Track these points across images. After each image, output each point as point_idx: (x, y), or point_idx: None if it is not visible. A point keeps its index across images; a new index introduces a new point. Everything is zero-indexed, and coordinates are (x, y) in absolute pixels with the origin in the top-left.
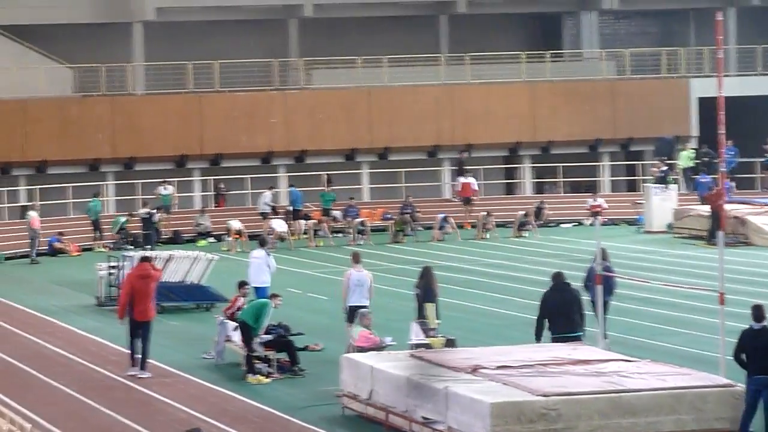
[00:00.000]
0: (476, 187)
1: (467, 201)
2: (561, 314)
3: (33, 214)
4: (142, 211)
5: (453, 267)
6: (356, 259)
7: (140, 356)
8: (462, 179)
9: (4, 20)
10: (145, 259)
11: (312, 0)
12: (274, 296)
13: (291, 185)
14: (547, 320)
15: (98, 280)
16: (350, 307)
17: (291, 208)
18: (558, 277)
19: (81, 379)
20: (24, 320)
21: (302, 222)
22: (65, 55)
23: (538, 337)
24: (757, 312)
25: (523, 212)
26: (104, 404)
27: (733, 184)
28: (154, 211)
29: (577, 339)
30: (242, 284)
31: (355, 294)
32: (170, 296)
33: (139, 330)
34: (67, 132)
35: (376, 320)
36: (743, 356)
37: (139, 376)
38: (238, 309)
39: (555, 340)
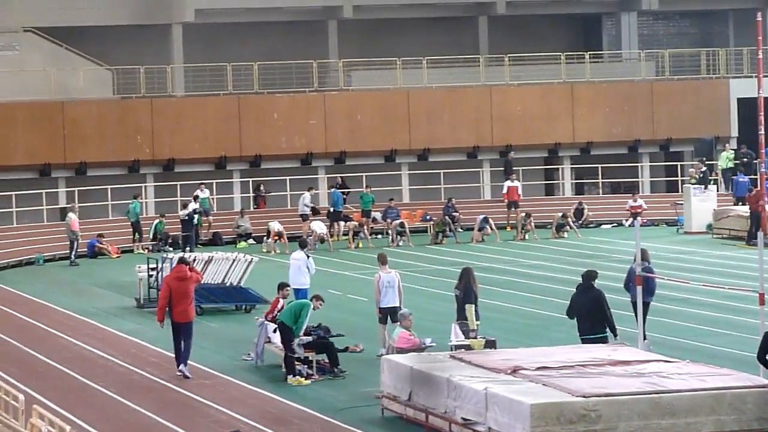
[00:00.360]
0: (520, 192)
1: (513, 205)
2: (582, 315)
3: (72, 216)
4: (182, 213)
5: (493, 268)
6: (383, 260)
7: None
8: (508, 183)
9: (44, 22)
10: (181, 261)
11: (351, 1)
12: (316, 298)
13: (332, 187)
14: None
15: (138, 282)
16: (383, 308)
17: (332, 210)
18: (585, 278)
19: (121, 381)
20: (63, 322)
21: (342, 223)
22: (104, 56)
23: (571, 317)
24: None
25: (561, 213)
26: (144, 406)
27: None
28: (192, 202)
29: (602, 340)
30: (282, 286)
31: (387, 295)
32: (210, 298)
33: (180, 331)
34: (106, 134)
35: (415, 321)
36: (767, 357)
37: (179, 371)
38: (279, 311)
39: (582, 341)
